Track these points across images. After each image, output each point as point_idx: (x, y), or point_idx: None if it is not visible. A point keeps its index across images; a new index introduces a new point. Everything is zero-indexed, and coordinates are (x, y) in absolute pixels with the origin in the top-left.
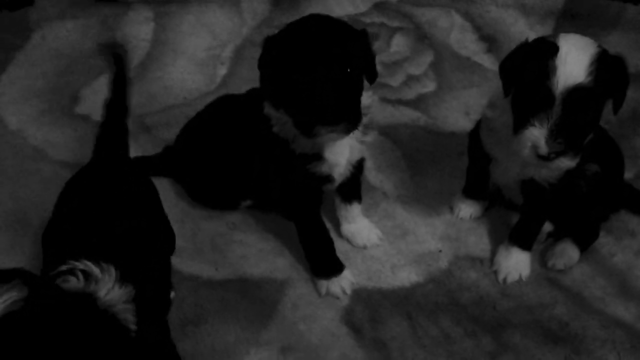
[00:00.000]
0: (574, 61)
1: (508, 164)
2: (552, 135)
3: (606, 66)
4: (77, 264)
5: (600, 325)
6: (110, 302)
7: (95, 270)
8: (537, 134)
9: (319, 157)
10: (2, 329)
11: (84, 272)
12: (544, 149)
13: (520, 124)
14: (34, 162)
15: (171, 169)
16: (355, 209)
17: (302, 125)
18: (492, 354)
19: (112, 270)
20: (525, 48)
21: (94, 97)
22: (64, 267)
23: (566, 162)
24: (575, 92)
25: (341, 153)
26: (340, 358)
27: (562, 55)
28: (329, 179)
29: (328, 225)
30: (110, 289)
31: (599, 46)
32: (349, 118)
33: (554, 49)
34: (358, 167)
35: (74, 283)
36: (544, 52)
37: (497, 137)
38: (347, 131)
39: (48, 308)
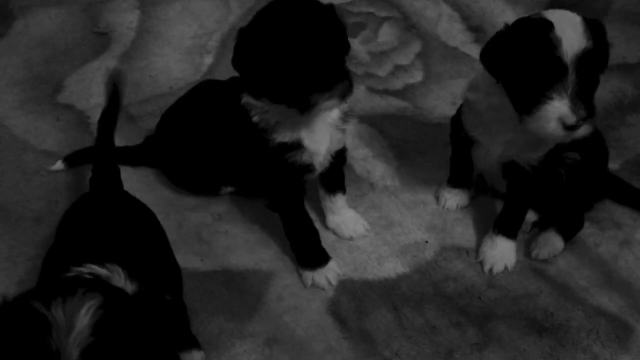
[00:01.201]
0: (572, 30)
1: (490, 146)
2: (575, 103)
3: (595, 29)
4: (82, 269)
5: (585, 316)
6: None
7: (102, 271)
8: (560, 105)
9: (298, 145)
10: (100, 342)
11: (92, 274)
12: (572, 118)
13: (532, 102)
14: (16, 151)
15: (153, 157)
16: (339, 200)
17: (297, 101)
18: (477, 344)
19: (119, 268)
20: (513, 30)
21: (77, 86)
22: (69, 274)
23: (588, 128)
24: (583, 56)
25: (321, 141)
26: (325, 349)
27: (559, 27)
28: (309, 168)
29: (314, 216)
30: (124, 287)
31: (579, 14)
32: (342, 80)
33: (548, 24)
34: (339, 158)
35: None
36: (539, 28)
37: (480, 119)
38: (343, 96)
39: (127, 310)
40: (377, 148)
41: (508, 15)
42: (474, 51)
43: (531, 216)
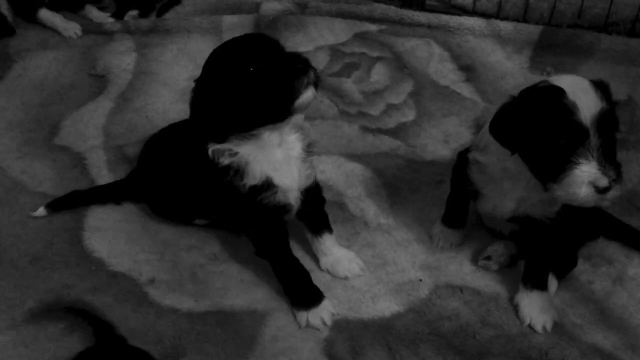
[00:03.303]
0: (584, 93)
1: (501, 201)
2: (604, 165)
3: (604, 89)
4: None
5: (579, 353)
6: None
7: None
8: (589, 169)
9: (269, 185)
10: None
11: None
12: (604, 180)
13: (557, 169)
14: (13, 193)
15: (136, 190)
16: (327, 240)
17: (282, 95)
18: None
19: None
20: (523, 100)
21: (74, 128)
22: None
23: (618, 189)
24: (601, 117)
25: (290, 177)
26: None
27: (571, 92)
28: (285, 208)
29: (306, 254)
30: None
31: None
32: (312, 67)
33: (559, 90)
34: (314, 195)
35: None
36: (551, 95)
37: (491, 177)
38: (317, 83)
39: None
40: (371, 186)
41: (498, 55)
42: (465, 90)
43: (512, 249)
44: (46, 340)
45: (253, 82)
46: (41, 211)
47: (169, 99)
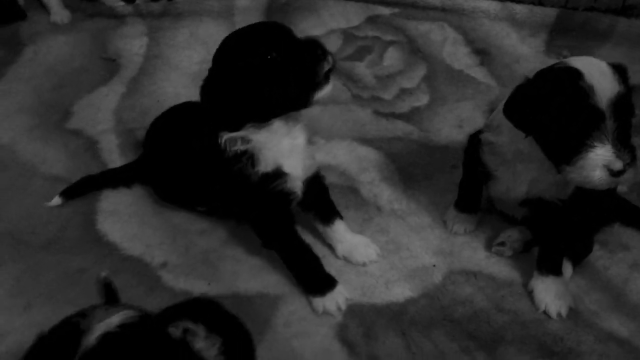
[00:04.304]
0: (602, 76)
1: (513, 183)
2: (619, 149)
3: (621, 73)
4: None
5: (595, 340)
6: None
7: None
8: (604, 153)
9: (280, 174)
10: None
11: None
12: (618, 164)
13: (572, 152)
14: (25, 178)
15: (143, 172)
16: (339, 226)
17: (303, 83)
18: None
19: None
20: (538, 82)
21: (85, 112)
22: None
23: (632, 172)
24: (617, 101)
25: (297, 166)
26: None
27: (588, 74)
28: (292, 196)
29: (316, 241)
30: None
31: (601, 60)
32: (330, 53)
33: (575, 72)
34: (318, 184)
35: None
36: (568, 77)
37: (503, 158)
38: (333, 68)
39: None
40: (384, 171)
41: (512, 39)
42: (479, 74)
43: (526, 235)
44: None
45: (273, 71)
46: (56, 200)
47: (180, 83)
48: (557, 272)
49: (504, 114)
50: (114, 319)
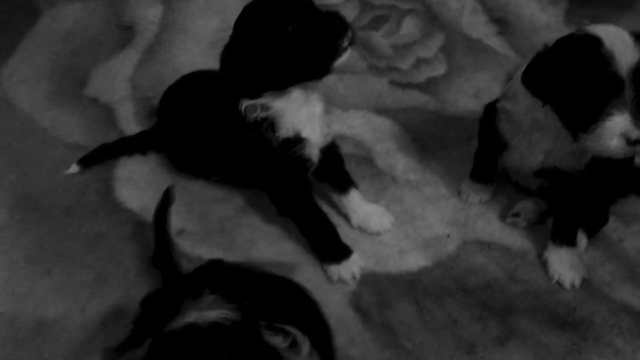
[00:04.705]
0: (622, 44)
1: (529, 153)
2: (636, 117)
3: None
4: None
5: (608, 311)
6: None
7: (304, 347)
8: (622, 121)
9: (299, 139)
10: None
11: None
12: (636, 133)
13: (589, 120)
14: (44, 144)
15: (157, 140)
16: (354, 196)
17: (323, 55)
18: (499, 338)
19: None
20: (557, 49)
21: (102, 80)
22: None
23: None
24: (637, 69)
25: (315, 133)
26: (348, 342)
27: (608, 42)
28: (310, 163)
29: (333, 214)
30: None
31: (622, 28)
32: (350, 25)
33: (595, 40)
34: (333, 154)
35: (279, 342)
36: (588, 44)
37: (519, 128)
38: (353, 41)
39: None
40: (400, 142)
41: (532, 7)
42: (498, 44)
43: (541, 206)
44: (79, 287)
45: (293, 43)
46: (74, 168)
47: (195, 51)
48: (571, 242)
49: (522, 82)
50: (210, 314)
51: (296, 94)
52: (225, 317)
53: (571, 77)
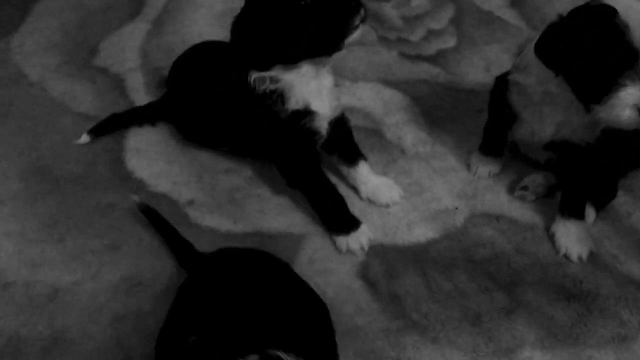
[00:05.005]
0: (637, 14)
1: (540, 126)
2: None
3: None
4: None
5: (614, 284)
6: None
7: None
8: (635, 92)
9: (309, 112)
10: None
11: None
12: None
13: (602, 91)
14: (55, 114)
15: (167, 110)
16: (363, 168)
17: (334, 32)
18: (505, 309)
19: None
20: (571, 20)
21: (112, 50)
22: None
23: None
24: None
25: (324, 106)
26: (355, 311)
27: (623, 12)
28: (317, 136)
29: (342, 186)
30: None
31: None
32: (363, 4)
33: (610, 10)
34: (342, 126)
35: None
36: (602, 15)
37: (530, 100)
38: (365, 18)
39: None
40: (409, 114)
41: None
42: (510, 16)
43: (550, 179)
44: (91, 255)
45: (306, 18)
46: (84, 138)
47: (205, 22)
48: (579, 215)
49: (534, 53)
50: None
51: (306, 68)
52: None
53: (585, 48)
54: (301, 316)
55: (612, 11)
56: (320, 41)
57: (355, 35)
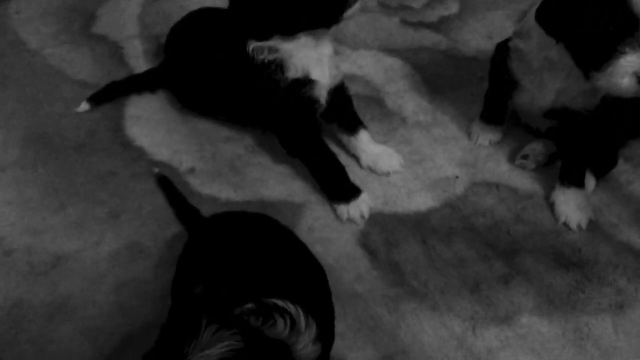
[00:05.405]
0: None
1: (540, 93)
2: None
3: None
4: (286, 305)
5: (612, 251)
6: (304, 357)
7: (302, 323)
8: (635, 59)
9: (308, 80)
10: None
11: (291, 318)
12: None
13: (602, 58)
14: (54, 81)
15: (165, 77)
16: (364, 136)
17: (333, 4)
18: (504, 277)
19: (314, 327)
20: None
21: (110, 17)
22: (268, 303)
23: None
24: None
25: (324, 74)
26: (355, 278)
27: None
28: (318, 104)
29: (342, 155)
30: (306, 345)
31: None
32: None
33: None
34: (342, 94)
35: (280, 330)
36: None
37: (530, 67)
38: None
39: None
40: (410, 82)
41: None
42: None
43: (550, 148)
44: (93, 222)
45: None
46: (84, 106)
47: None
48: (579, 184)
49: (535, 20)
50: (213, 353)
51: (305, 38)
52: (229, 350)
53: (586, 15)
54: (299, 271)
55: None
56: (317, 14)
57: (354, 9)
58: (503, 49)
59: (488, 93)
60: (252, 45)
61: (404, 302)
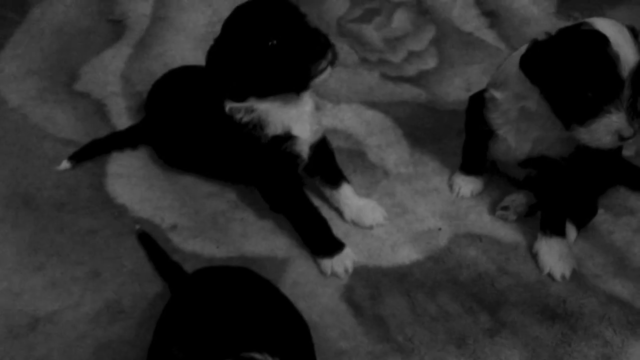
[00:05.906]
0: (626, 44)
1: (516, 142)
2: (632, 117)
3: (635, 36)
4: (264, 359)
5: (597, 302)
6: None
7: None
8: (618, 120)
9: (289, 137)
10: None
11: None
12: (629, 131)
13: (586, 114)
14: (36, 140)
15: (145, 135)
16: (346, 190)
17: (296, 79)
18: (490, 330)
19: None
20: (562, 41)
21: (93, 75)
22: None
23: (636, 136)
24: (636, 70)
25: (305, 130)
26: (340, 335)
27: (615, 42)
28: (300, 159)
29: (324, 207)
30: None
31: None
32: (330, 46)
33: (603, 39)
34: (324, 149)
35: None
36: (596, 43)
37: (507, 117)
38: (333, 62)
39: None
40: (391, 135)
41: (523, 0)
42: (489, 36)
43: (530, 198)
44: (72, 282)
45: (272, 58)
46: (65, 164)
47: (186, 46)
48: (560, 232)
49: (520, 68)
50: None
51: (281, 99)
52: None
53: (576, 73)
54: (280, 324)
55: (605, 40)
56: (286, 81)
57: (322, 78)
58: (478, 100)
59: (466, 144)
60: (229, 105)
61: (389, 358)
